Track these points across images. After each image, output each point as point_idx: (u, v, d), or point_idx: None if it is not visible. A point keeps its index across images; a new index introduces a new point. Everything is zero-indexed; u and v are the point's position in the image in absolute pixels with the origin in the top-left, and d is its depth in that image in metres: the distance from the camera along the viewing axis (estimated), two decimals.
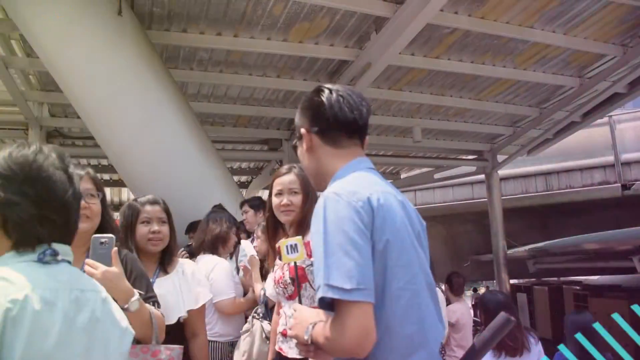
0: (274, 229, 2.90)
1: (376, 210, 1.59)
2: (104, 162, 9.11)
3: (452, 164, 10.31)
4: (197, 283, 2.85)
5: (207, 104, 7.29)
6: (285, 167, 2.88)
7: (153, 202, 2.87)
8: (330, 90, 1.84)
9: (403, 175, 11.46)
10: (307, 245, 2.43)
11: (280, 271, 2.72)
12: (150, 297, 2.31)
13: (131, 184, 5.36)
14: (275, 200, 2.80)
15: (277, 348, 2.76)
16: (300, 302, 2.35)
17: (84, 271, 1.84)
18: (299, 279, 2.42)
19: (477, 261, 12.51)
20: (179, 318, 2.68)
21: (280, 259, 2.65)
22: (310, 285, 2.52)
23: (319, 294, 1.51)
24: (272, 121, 8.27)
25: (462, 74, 6.80)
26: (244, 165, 10.66)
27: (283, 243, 2.15)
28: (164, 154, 5.04)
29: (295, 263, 2.16)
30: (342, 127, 1.81)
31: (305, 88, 6.69)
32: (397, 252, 1.59)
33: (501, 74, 6.83)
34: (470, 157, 9.98)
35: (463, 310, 6.42)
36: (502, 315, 1.76)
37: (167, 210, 2.88)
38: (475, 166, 9.96)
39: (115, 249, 2.02)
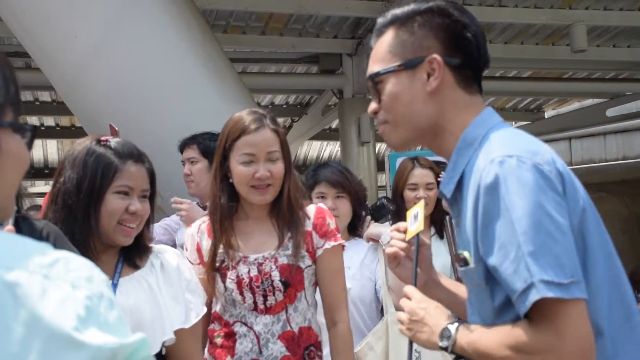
0: (227, 216, 2.33)
1: (564, 174, 1.38)
2: (44, 95, 7.79)
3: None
4: (186, 285, 2.20)
5: None
6: (248, 115, 2.34)
7: (138, 159, 2.16)
8: (462, 11, 1.56)
9: (550, 113, 9.58)
10: (308, 234, 2.32)
11: (244, 267, 2.28)
12: None
13: (90, 129, 4.47)
14: (242, 171, 2.32)
15: None
16: (288, 319, 2.21)
17: None
18: (296, 285, 2.22)
19: None
20: (163, 344, 2.08)
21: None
22: (305, 296, 2.30)
23: (533, 297, 1.26)
24: (325, 23, 6.75)
25: None
26: (278, 99, 9.12)
27: (409, 211, 2.00)
28: (152, 75, 4.30)
29: (417, 235, 1.91)
30: (481, 66, 1.54)
31: None
32: (594, 227, 1.38)
33: None
34: None
35: None
36: None
37: (152, 174, 2.17)
38: None
39: (10, 227, 1.68)
